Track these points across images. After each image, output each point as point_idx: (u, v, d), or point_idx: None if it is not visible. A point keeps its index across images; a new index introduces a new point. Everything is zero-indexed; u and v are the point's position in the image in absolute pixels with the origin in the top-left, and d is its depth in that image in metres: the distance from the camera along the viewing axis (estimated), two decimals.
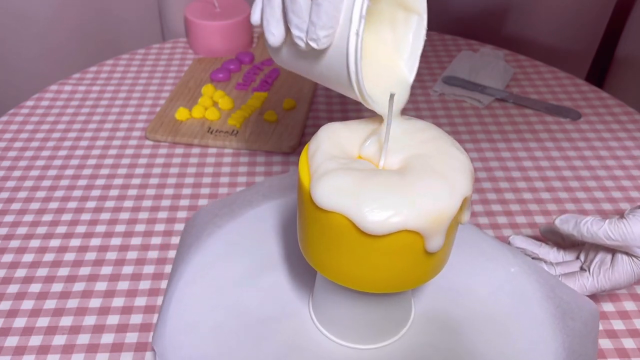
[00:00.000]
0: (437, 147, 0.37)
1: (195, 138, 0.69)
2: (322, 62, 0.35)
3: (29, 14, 0.94)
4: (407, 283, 0.39)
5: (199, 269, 0.49)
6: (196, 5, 0.86)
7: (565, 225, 0.47)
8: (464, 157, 0.37)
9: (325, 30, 0.33)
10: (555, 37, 1.01)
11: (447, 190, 0.35)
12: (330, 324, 0.44)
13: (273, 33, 0.36)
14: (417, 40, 0.39)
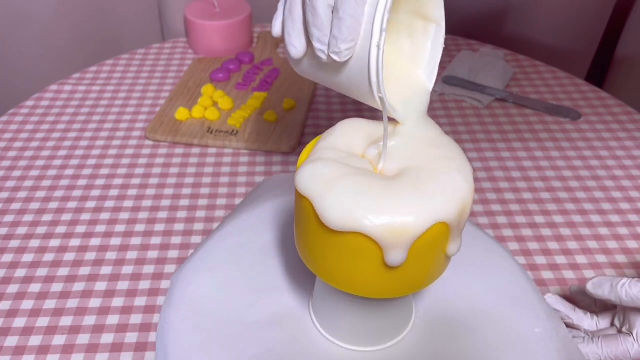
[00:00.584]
0: (440, 167, 0.36)
1: (195, 138, 0.69)
2: (343, 74, 0.36)
3: (29, 13, 0.94)
4: (395, 290, 0.38)
5: (198, 270, 0.49)
6: (196, 5, 0.86)
7: (600, 290, 0.44)
8: (462, 186, 0.36)
9: (347, 44, 0.34)
10: (555, 37, 1.01)
11: (420, 209, 0.34)
12: (330, 327, 0.44)
13: (295, 46, 0.36)
14: (436, 48, 0.39)
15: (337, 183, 0.35)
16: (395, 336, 0.44)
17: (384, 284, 0.37)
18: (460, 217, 0.35)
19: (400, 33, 0.40)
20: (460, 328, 0.45)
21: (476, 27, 1.01)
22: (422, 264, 0.36)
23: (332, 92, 0.79)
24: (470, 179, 0.37)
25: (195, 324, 0.45)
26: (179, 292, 0.47)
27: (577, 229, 0.58)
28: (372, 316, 0.42)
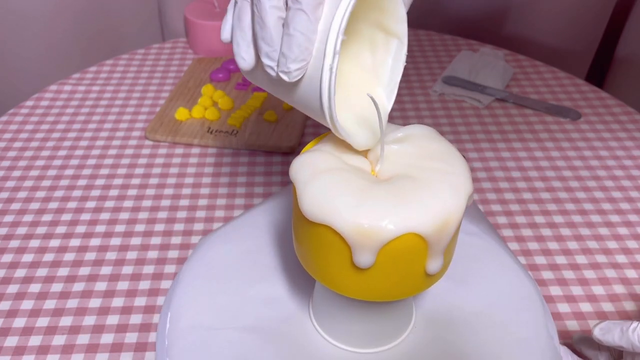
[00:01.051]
0: (434, 179, 0.35)
1: (195, 138, 0.69)
2: (295, 91, 0.34)
3: (29, 13, 0.94)
4: (367, 293, 0.37)
5: (198, 273, 0.49)
6: (196, 5, 0.86)
7: (609, 336, 0.39)
8: (448, 202, 0.34)
9: (297, 64, 0.31)
10: (555, 37, 1.01)
11: (393, 215, 0.33)
12: (330, 328, 0.44)
13: (244, 58, 0.34)
14: (397, 66, 0.37)
15: (324, 174, 0.35)
16: (396, 338, 0.44)
17: (355, 285, 0.36)
18: (440, 232, 0.34)
19: (362, 45, 0.38)
20: (461, 330, 0.45)
21: (476, 27, 1.01)
22: (394, 272, 0.35)
23: None
24: (461, 197, 0.35)
25: (195, 328, 0.45)
26: (178, 297, 0.47)
27: (577, 229, 0.58)
28: (371, 318, 0.42)
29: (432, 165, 0.36)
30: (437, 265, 0.36)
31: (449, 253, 0.37)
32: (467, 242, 0.51)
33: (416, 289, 0.38)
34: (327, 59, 0.31)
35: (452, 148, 0.38)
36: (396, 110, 0.75)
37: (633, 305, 0.51)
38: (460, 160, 0.37)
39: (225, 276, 0.49)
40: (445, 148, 0.38)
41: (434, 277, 0.37)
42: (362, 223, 0.33)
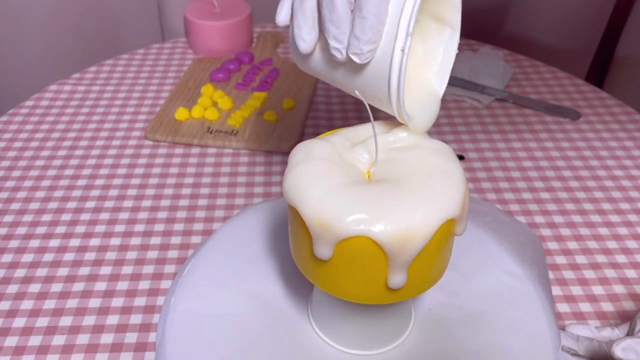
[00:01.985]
0: (415, 191, 0.35)
1: (195, 138, 0.69)
2: (359, 75, 0.34)
3: (29, 13, 0.94)
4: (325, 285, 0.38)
5: (196, 277, 0.49)
6: (196, 5, 0.86)
7: (633, 355, 0.39)
8: (417, 217, 0.33)
9: (370, 45, 0.32)
10: (555, 37, 1.01)
11: (348, 213, 0.33)
12: (329, 330, 0.44)
13: (305, 40, 0.34)
14: (449, 54, 0.38)
15: (313, 161, 0.36)
16: (395, 340, 0.44)
17: (319, 276, 0.37)
18: (401, 246, 0.33)
19: (414, 35, 0.38)
20: (460, 332, 0.45)
21: (476, 27, 1.02)
22: (353, 273, 0.35)
23: (332, 92, 0.79)
24: (435, 218, 0.34)
25: (193, 332, 0.44)
26: (177, 299, 0.47)
27: (577, 228, 0.58)
28: (370, 320, 0.42)
29: (425, 180, 0.35)
30: (398, 280, 0.35)
31: (417, 272, 0.35)
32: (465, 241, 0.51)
33: (380, 298, 0.37)
34: (399, 41, 0.32)
35: (457, 170, 0.37)
36: None
37: (633, 305, 0.51)
38: (458, 185, 0.35)
39: (224, 278, 0.49)
40: (450, 169, 0.37)
41: (401, 292, 0.36)
42: (322, 213, 0.33)
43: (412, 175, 0.36)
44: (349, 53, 0.33)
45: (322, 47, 0.35)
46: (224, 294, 0.48)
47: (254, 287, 0.48)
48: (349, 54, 0.33)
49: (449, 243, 0.37)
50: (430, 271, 0.37)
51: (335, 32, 0.32)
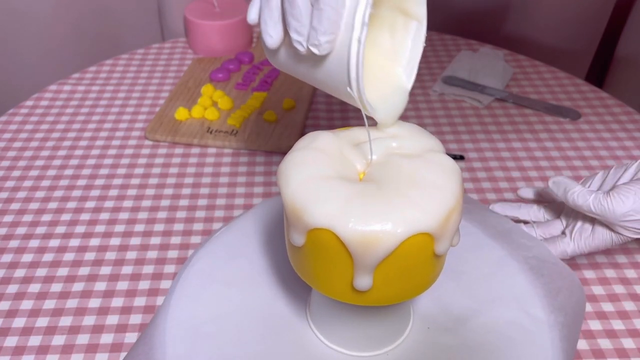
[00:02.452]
0: (395, 195, 0.34)
1: (195, 138, 0.69)
2: (321, 67, 0.35)
3: (28, 13, 0.94)
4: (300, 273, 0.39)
5: (193, 282, 0.49)
6: (196, 5, 0.86)
7: (556, 189, 0.49)
8: (384, 225, 0.33)
9: (327, 36, 0.33)
10: (555, 37, 1.01)
11: (320, 206, 0.33)
12: (328, 332, 0.44)
13: (271, 35, 0.35)
14: (416, 46, 0.38)
15: (308, 150, 0.37)
16: (394, 341, 0.44)
17: (296, 265, 0.38)
18: (364, 249, 0.33)
19: (382, 29, 0.39)
20: (459, 332, 0.45)
21: (476, 27, 1.01)
22: (322, 265, 0.36)
23: None
24: (404, 228, 0.33)
25: (193, 334, 0.44)
26: (176, 301, 0.47)
27: None
28: (368, 321, 0.42)
29: (405, 190, 0.35)
30: (362, 282, 0.35)
31: (385, 279, 0.35)
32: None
33: (349, 297, 0.37)
34: (355, 31, 0.32)
35: (449, 189, 0.35)
36: None
37: (633, 305, 0.51)
38: (441, 203, 0.34)
39: (223, 279, 0.49)
40: (441, 186, 0.35)
41: (369, 296, 0.36)
42: (297, 199, 0.34)
43: (397, 182, 0.35)
44: (309, 45, 0.33)
45: (288, 42, 0.36)
46: (223, 295, 0.48)
47: (253, 288, 0.48)
48: (308, 46, 0.33)
49: (425, 259, 0.36)
50: (403, 282, 0.36)
51: (296, 25, 0.33)
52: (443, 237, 0.35)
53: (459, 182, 0.36)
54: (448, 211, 0.34)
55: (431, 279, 0.38)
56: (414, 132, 0.39)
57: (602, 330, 0.49)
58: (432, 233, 0.34)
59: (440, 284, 0.48)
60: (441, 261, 0.38)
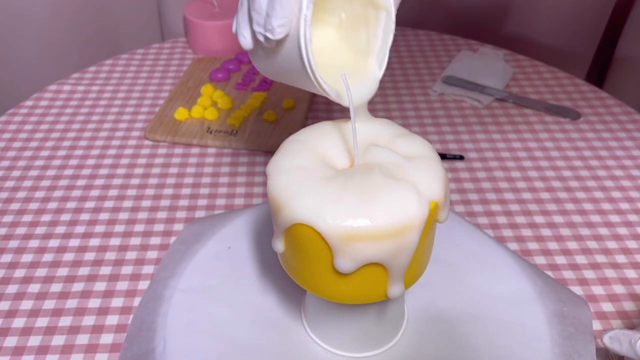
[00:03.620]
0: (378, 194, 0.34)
1: (195, 138, 0.69)
2: (282, 57, 0.36)
3: (28, 13, 0.94)
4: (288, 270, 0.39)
5: (188, 286, 0.49)
6: (195, 5, 0.86)
7: (617, 345, 0.41)
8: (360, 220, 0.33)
9: (279, 20, 0.33)
10: (555, 37, 1.01)
11: (297, 200, 0.34)
12: (323, 334, 0.44)
13: (244, 35, 0.36)
14: (387, 34, 0.39)
15: (299, 143, 0.38)
16: (388, 341, 0.44)
17: (282, 261, 0.39)
18: (342, 240, 0.33)
19: (358, 28, 0.40)
20: (454, 332, 0.45)
21: (476, 26, 1.01)
22: (303, 262, 0.36)
23: None
24: (385, 222, 0.33)
25: (188, 338, 0.44)
26: (170, 309, 0.47)
27: (577, 228, 0.58)
28: (362, 321, 0.42)
29: (382, 192, 0.34)
30: (344, 263, 0.34)
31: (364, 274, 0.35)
32: (461, 239, 0.51)
33: (335, 295, 0.37)
34: (302, 10, 0.33)
35: (432, 182, 0.36)
36: (395, 110, 0.75)
37: (633, 305, 0.51)
38: (422, 197, 0.34)
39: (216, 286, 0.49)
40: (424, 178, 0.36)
41: (349, 292, 0.36)
42: (276, 194, 0.35)
43: (385, 181, 0.35)
44: (265, 32, 0.34)
45: (256, 39, 0.36)
46: (218, 298, 0.48)
47: (247, 290, 0.48)
48: (264, 33, 0.34)
49: None
50: None
51: (257, 17, 0.34)
52: (444, 203, 0.36)
53: (442, 183, 0.36)
54: (443, 177, 0.36)
55: (415, 273, 0.38)
56: (408, 136, 0.39)
57: (601, 330, 0.48)
58: (439, 201, 0.35)
59: (435, 285, 0.48)
60: (423, 257, 0.38)
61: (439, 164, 0.37)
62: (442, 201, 0.35)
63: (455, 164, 0.67)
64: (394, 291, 0.36)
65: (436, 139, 0.70)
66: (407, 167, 0.36)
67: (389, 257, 0.34)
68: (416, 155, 0.37)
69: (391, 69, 0.85)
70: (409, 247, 0.34)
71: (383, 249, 0.33)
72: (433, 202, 0.35)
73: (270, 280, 0.49)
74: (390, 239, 0.33)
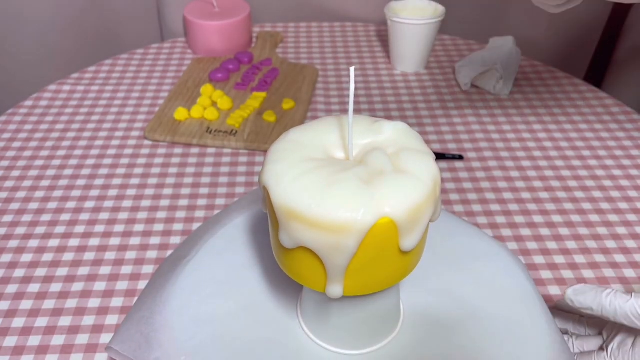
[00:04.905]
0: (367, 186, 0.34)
1: (194, 138, 0.69)
2: None
3: (28, 13, 0.94)
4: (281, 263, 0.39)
5: (185, 285, 0.49)
6: (195, 5, 0.86)
7: (582, 297, 0.40)
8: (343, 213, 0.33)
9: None
10: (554, 37, 1.01)
11: (281, 177, 0.35)
12: (319, 331, 0.44)
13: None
14: None
15: (298, 132, 0.38)
16: (385, 338, 0.44)
17: (276, 255, 0.39)
18: (283, 214, 0.34)
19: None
20: (450, 329, 0.45)
21: (476, 27, 1.02)
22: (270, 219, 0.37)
23: (331, 92, 0.79)
24: (366, 215, 0.33)
25: (185, 337, 0.44)
26: (168, 308, 0.47)
27: (576, 228, 0.58)
28: (358, 318, 0.42)
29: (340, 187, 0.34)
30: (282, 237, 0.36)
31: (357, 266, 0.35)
32: (459, 238, 0.51)
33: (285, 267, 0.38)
34: None
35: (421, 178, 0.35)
36: (395, 110, 0.75)
37: None
38: (411, 194, 0.34)
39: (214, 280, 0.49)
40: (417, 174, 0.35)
41: None
42: (266, 180, 0.35)
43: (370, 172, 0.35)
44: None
45: None
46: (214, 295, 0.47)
47: (243, 287, 0.48)
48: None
49: (392, 248, 0.35)
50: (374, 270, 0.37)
51: None
52: (408, 227, 0.35)
53: (410, 209, 0.35)
54: (416, 203, 0.34)
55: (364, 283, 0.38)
56: (417, 154, 0.37)
57: None
58: (397, 221, 0.34)
59: (432, 283, 0.48)
60: (377, 270, 0.37)
61: (422, 190, 0.34)
62: (404, 224, 0.34)
63: (455, 163, 0.67)
64: (330, 289, 0.36)
65: (435, 139, 0.70)
66: (385, 179, 0.35)
67: (323, 250, 0.34)
68: (407, 172, 0.35)
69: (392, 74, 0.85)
70: (344, 250, 0.34)
71: (316, 238, 0.34)
72: (385, 219, 0.33)
73: (267, 276, 0.49)
74: (325, 232, 0.33)
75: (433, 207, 0.35)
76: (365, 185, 0.34)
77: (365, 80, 0.82)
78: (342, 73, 0.84)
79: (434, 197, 0.35)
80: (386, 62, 0.86)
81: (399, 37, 0.81)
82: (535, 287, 0.48)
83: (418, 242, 0.35)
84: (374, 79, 0.82)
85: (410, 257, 0.37)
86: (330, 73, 0.84)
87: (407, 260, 0.37)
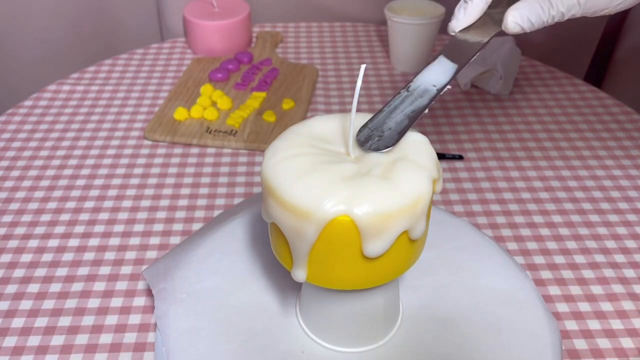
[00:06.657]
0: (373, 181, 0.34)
1: (194, 138, 0.69)
2: None
3: (27, 13, 0.94)
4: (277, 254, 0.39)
5: (184, 286, 0.49)
6: (195, 5, 0.86)
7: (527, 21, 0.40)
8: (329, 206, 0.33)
9: None
10: (554, 37, 1.01)
11: (279, 165, 0.35)
12: (317, 329, 0.44)
13: None
14: None
15: (298, 128, 0.39)
16: (383, 336, 0.44)
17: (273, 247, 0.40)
18: (267, 189, 0.35)
19: None
20: (448, 328, 0.45)
21: None
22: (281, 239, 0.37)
23: (330, 92, 0.79)
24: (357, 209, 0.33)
25: (184, 337, 0.44)
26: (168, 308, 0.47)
27: (576, 228, 0.58)
28: (356, 316, 0.42)
29: (318, 175, 0.35)
30: (263, 211, 0.38)
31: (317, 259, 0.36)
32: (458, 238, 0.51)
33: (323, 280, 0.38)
34: None
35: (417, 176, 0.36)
36: None
37: (632, 304, 0.51)
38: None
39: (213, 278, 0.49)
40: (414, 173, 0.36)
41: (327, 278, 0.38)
42: (265, 152, 0.37)
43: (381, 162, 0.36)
44: None
45: None
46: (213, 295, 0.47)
47: (241, 286, 0.48)
48: None
49: None
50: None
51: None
52: (372, 233, 0.34)
53: (417, 194, 0.35)
54: (384, 211, 0.34)
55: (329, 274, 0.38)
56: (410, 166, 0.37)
57: (601, 330, 0.49)
58: (359, 223, 0.34)
59: (431, 283, 0.48)
60: (339, 265, 0.37)
61: (396, 201, 0.34)
62: (366, 228, 0.34)
63: (455, 163, 0.67)
64: (294, 272, 0.37)
65: (435, 138, 0.70)
66: (366, 181, 0.34)
67: (287, 231, 0.35)
68: (391, 180, 0.35)
69: (391, 73, 0.85)
70: (304, 236, 0.34)
71: (283, 218, 0.35)
72: (345, 217, 0.33)
73: (265, 275, 0.49)
74: (290, 214, 0.34)
75: (409, 221, 0.34)
76: (342, 182, 0.34)
77: (365, 80, 0.82)
78: (342, 73, 0.84)
79: (412, 212, 0.34)
80: (386, 62, 0.86)
81: (399, 37, 0.81)
82: (534, 286, 0.48)
83: (383, 251, 0.35)
84: (374, 78, 0.82)
85: (378, 264, 0.36)
86: (330, 73, 0.84)
87: (374, 266, 0.36)
